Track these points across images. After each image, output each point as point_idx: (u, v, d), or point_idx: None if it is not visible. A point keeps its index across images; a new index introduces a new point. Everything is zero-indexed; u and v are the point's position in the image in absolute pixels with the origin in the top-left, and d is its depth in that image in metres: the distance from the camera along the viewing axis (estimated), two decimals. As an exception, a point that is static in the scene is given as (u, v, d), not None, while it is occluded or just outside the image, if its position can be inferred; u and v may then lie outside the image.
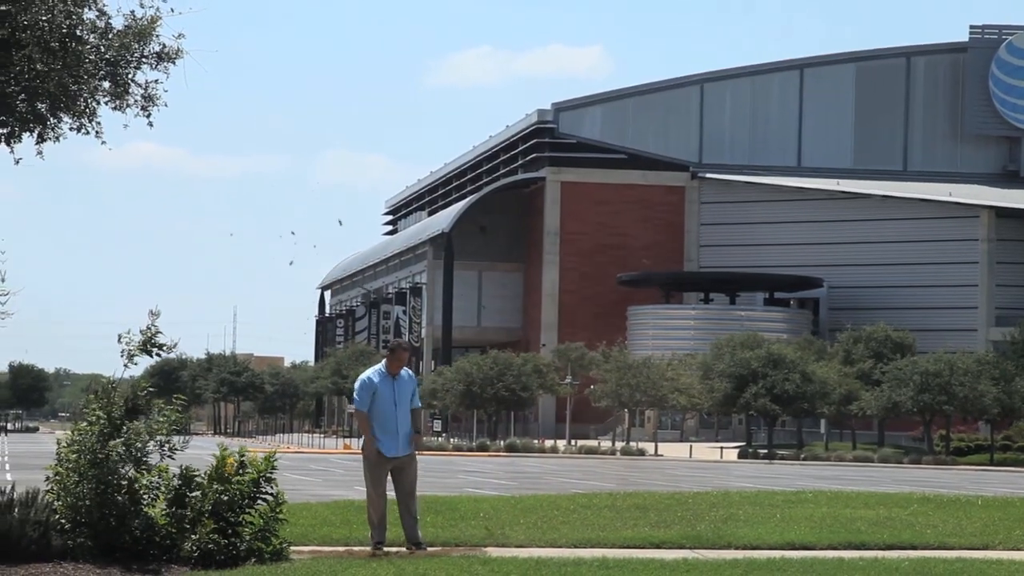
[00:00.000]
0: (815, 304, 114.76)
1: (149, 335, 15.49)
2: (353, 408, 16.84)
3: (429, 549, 16.44)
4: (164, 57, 15.56)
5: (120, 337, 15.45)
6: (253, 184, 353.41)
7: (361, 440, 16.89)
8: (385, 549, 16.37)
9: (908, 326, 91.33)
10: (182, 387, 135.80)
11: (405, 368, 17.00)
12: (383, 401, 16.64)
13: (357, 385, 16.84)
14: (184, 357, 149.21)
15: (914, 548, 17.73)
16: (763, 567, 15.14)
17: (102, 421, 15.17)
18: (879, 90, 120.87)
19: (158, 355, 15.67)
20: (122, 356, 15.46)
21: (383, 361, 17.00)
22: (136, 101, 15.75)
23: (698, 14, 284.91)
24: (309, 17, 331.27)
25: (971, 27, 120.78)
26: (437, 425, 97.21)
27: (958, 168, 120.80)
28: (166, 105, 15.77)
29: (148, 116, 15.81)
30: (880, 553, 16.95)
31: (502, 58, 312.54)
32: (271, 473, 15.43)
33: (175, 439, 15.49)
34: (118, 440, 15.07)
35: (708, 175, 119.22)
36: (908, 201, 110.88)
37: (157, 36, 15.44)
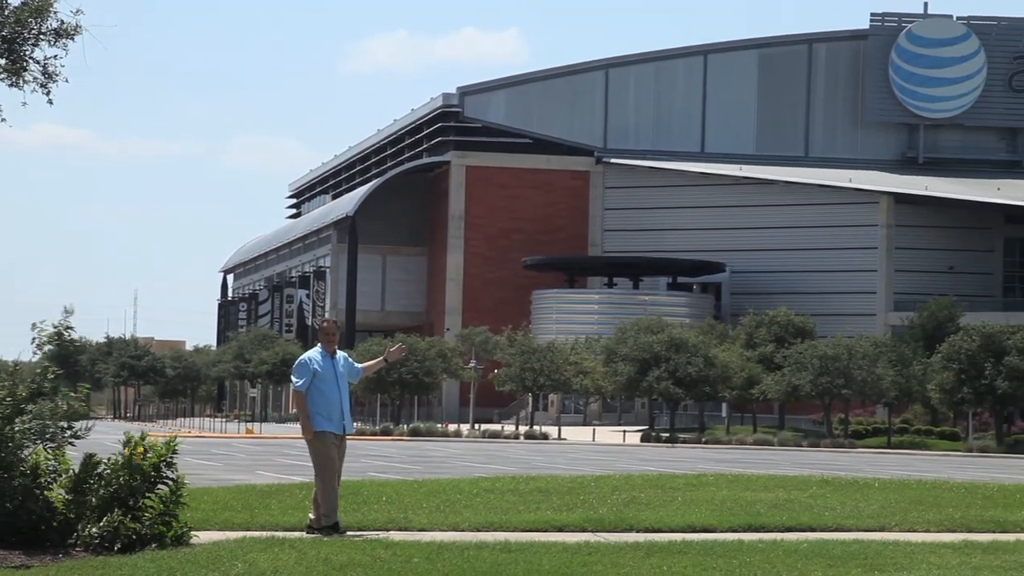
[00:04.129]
0: (717, 289, 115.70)
1: (60, 329, 15.43)
2: (293, 389, 16.77)
3: (335, 535, 16.37)
4: (62, 33, 15.36)
5: (34, 326, 15.37)
6: (158, 166, 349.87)
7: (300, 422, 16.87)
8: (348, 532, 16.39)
9: (809, 311, 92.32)
10: (81, 371, 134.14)
11: (341, 352, 16.94)
12: (325, 380, 16.61)
13: (296, 365, 16.81)
14: (83, 341, 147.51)
15: (813, 530, 17.94)
16: (664, 550, 15.26)
17: (7, 401, 14.98)
18: (781, 77, 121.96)
19: (66, 350, 15.60)
20: (32, 344, 15.38)
21: (318, 343, 16.98)
22: (35, 78, 15.54)
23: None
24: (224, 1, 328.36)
25: (871, 15, 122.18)
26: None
27: (858, 154, 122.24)
28: (67, 81, 15.56)
29: (48, 93, 15.62)
30: (779, 535, 17.13)
31: (417, 42, 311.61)
32: (172, 458, 15.32)
33: (78, 424, 15.35)
34: (26, 417, 14.90)
35: (612, 160, 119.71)
36: (809, 187, 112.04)
37: (55, 12, 15.24)
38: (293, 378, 16.78)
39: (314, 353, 16.90)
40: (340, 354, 16.98)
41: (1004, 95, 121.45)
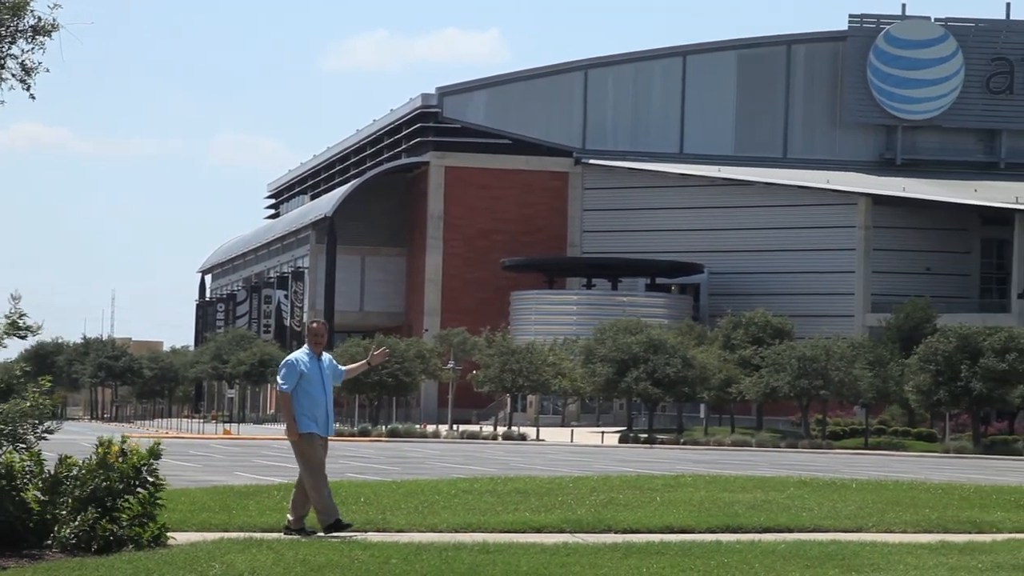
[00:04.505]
0: (696, 290, 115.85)
1: (13, 318, 15.28)
2: (279, 390, 16.68)
3: (316, 535, 16.34)
4: (40, 31, 15.28)
5: None
6: (135, 166, 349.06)
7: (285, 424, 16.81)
8: (354, 531, 16.35)
9: (787, 312, 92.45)
10: (58, 372, 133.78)
11: (326, 353, 16.91)
12: (311, 382, 16.58)
13: (282, 366, 16.70)
14: (60, 341, 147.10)
15: (790, 531, 17.98)
16: (642, 550, 15.27)
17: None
18: (760, 78, 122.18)
19: (24, 336, 15.46)
20: None
21: (305, 344, 16.93)
22: (15, 75, 15.46)
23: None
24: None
25: (850, 16, 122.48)
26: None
27: (837, 156, 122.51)
28: (47, 70, 15.46)
29: (28, 88, 15.52)
30: (757, 536, 17.17)
31: (398, 42, 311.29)
32: (154, 463, 15.29)
33: (48, 422, 15.30)
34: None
35: (591, 161, 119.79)
36: (787, 188, 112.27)
37: (31, 9, 15.16)
38: (279, 379, 16.68)
39: (300, 354, 16.83)
40: (325, 356, 16.95)
41: (982, 97, 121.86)
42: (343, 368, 17.22)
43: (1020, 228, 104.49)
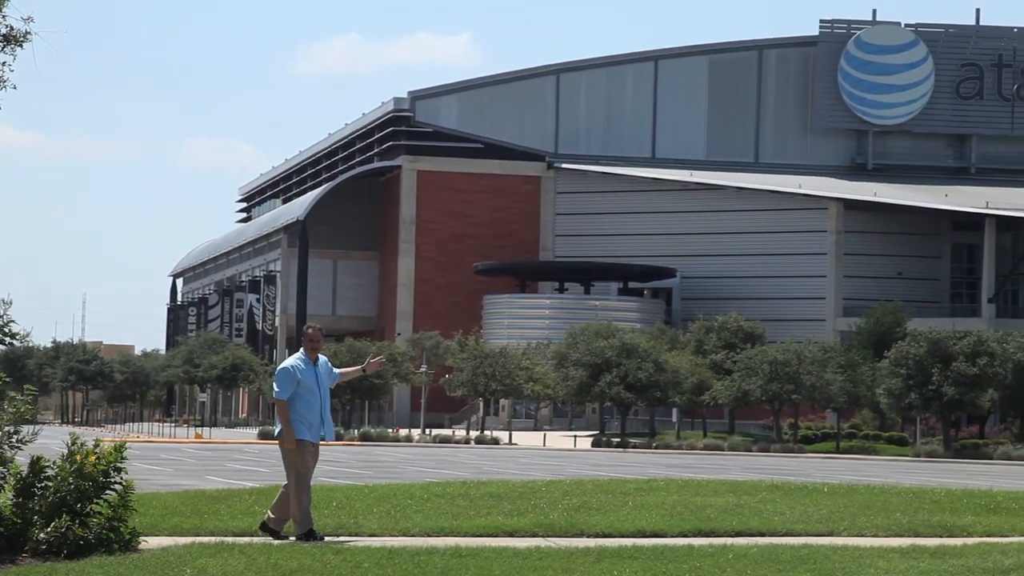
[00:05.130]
0: (668, 294, 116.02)
1: (1, 324, 15.19)
2: (275, 398, 16.64)
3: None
4: (11, 40, 15.21)
5: None
6: (107, 169, 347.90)
7: (279, 430, 16.73)
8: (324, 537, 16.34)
9: (759, 316, 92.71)
10: (28, 375, 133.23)
11: (322, 355, 16.89)
12: (308, 389, 16.55)
13: (278, 374, 16.64)
14: (30, 345, 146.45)
15: (762, 535, 18.00)
16: (615, 555, 15.28)
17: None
18: (731, 83, 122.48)
19: (10, 343, 15.38)
20: None
21: (300, 349, 16.89)
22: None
23: (566, 2, 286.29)
24: (177, 3, 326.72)
25: (821, 21, 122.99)
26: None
27: (808, 160, 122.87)
28: (15, 87, 15.39)
29: (-6, 98, 15.43)
30: (729, 540, 17.19)
31: (370, 46, 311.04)
32: (121, 463, 15.22)
33: (24, 430, 15.23)
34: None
35: (564, 165, 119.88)
36: (759, 193, 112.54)
37: (3, 18, 15.09)
38: (276, 388, 16.64)
39: (296, 361, 16.76)
40: (322, 359, 16.93)
41: (952, 102, 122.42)
42: (337, 371, 17.20)
43: (990, 233, 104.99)
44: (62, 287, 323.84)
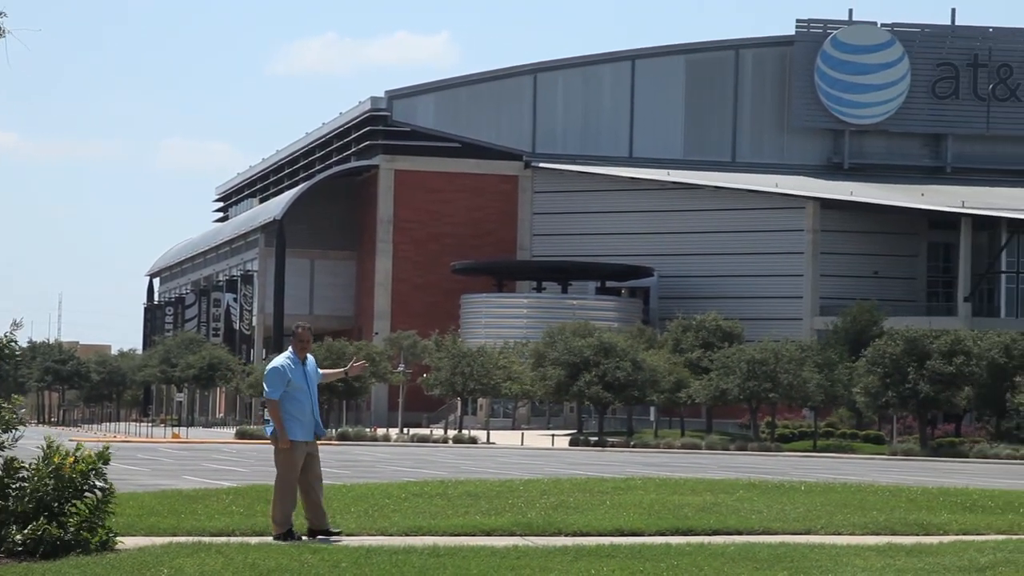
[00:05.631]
0: (646, 293, 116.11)
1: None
2: (265, 397, 16.65)
3: (269, 538, 16.26)
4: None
5: None
6: (84, 169, 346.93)
7: (271, 429, 16.70)
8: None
9: (736, 315, 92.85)
10: (4, 376, 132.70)
11: (310, 356, 16.88)
12: (298, 388, 16.56)
13: (269, 373, 16.65)
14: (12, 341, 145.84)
15: (739, 533, 18.03)
16: (593, 553, 15.29)
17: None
18: (708, 82, 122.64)
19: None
20: None
21: (289, 348, 16.88)
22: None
23: (545, 2, 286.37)
24: (155, 3, 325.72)
25: (797, 21, 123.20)
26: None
27: (785, 160, 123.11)
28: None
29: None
30: (707, 539, 17.21)
31: (348, 45, 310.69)
32: (102, 467, 15.19)
33: (5, 436, 15.22)
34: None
35: (541, 164, 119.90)
36: (736, 192, 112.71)
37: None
38: (266, 388, 16.65)
39: (285, 360, 16.77)
40: (310, 358, 16.95)
41: (928, 101, 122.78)
42: (320, 372, 17.22)
43: (966, 232, 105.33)
44: (38, 287, 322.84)
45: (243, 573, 13.54)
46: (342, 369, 17.90)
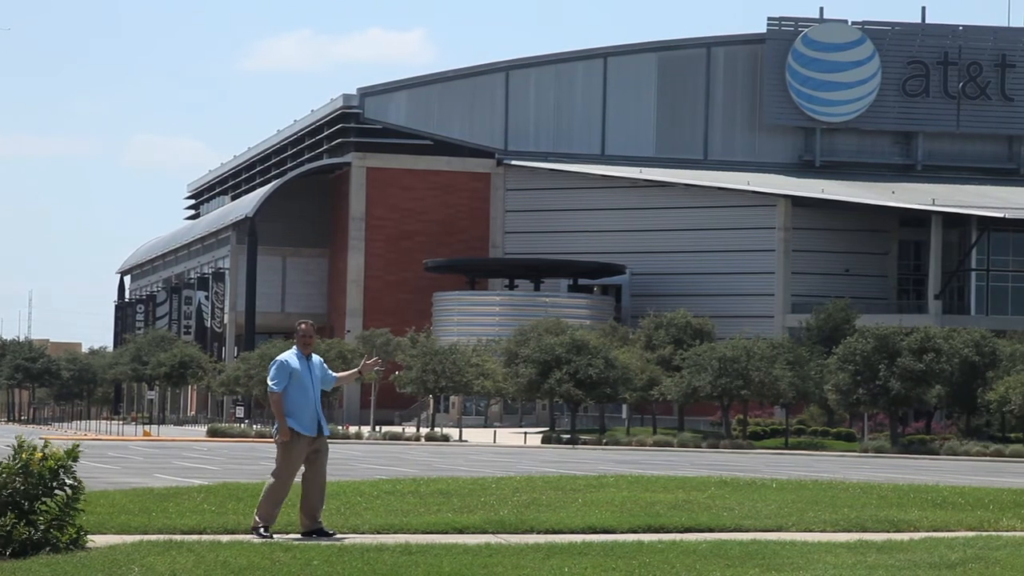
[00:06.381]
0: (618, 291, 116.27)
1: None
2: (270, 391, 16.61)
3: (247, 536, 16.22)
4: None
5: None
6: (54, 165, 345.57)
7: (276, 426, 16.68)
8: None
9: (708, 312, 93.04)
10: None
11: (315, 355, 16.90)
12: (300, 383, 16.53)
13: (274, 367, 16.67)
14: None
15: (711, 531, 18.06)
16: (565, 551, 15.30)
17: None
18: (680, 80, 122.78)
19: None
20: None
21: (294, 346, 16.86)
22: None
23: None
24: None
25: (768, 19, 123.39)
26: (240, 412, 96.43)
27: (756, 157, 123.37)
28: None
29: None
30: (679, 536, 17.24)
31: (322, 42, 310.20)
32: (72, 464, 15.13)
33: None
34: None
35: (513, 162, 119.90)
36: (708, 189, 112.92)
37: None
38: (270, 380, 16.67)
39: (290, 355, 16.81)
40: (316, 358, 16.93)
41: (898, 99, 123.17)
42: (334, 375, 17.19)
43: (937, 230, 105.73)
44: (8, 284, 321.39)
45: (215, 571, 13.51)
46: (356, 369, 17.89)
